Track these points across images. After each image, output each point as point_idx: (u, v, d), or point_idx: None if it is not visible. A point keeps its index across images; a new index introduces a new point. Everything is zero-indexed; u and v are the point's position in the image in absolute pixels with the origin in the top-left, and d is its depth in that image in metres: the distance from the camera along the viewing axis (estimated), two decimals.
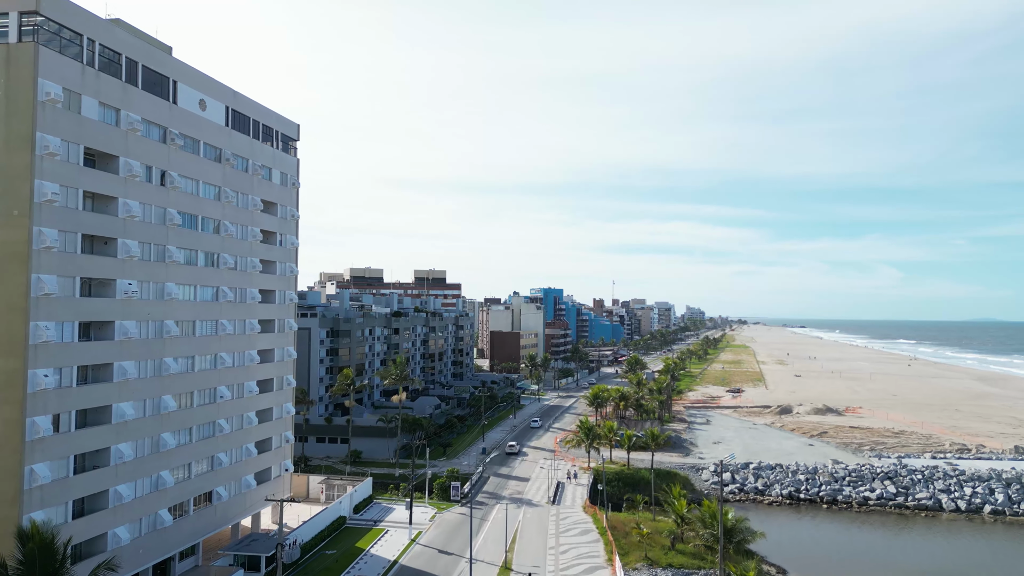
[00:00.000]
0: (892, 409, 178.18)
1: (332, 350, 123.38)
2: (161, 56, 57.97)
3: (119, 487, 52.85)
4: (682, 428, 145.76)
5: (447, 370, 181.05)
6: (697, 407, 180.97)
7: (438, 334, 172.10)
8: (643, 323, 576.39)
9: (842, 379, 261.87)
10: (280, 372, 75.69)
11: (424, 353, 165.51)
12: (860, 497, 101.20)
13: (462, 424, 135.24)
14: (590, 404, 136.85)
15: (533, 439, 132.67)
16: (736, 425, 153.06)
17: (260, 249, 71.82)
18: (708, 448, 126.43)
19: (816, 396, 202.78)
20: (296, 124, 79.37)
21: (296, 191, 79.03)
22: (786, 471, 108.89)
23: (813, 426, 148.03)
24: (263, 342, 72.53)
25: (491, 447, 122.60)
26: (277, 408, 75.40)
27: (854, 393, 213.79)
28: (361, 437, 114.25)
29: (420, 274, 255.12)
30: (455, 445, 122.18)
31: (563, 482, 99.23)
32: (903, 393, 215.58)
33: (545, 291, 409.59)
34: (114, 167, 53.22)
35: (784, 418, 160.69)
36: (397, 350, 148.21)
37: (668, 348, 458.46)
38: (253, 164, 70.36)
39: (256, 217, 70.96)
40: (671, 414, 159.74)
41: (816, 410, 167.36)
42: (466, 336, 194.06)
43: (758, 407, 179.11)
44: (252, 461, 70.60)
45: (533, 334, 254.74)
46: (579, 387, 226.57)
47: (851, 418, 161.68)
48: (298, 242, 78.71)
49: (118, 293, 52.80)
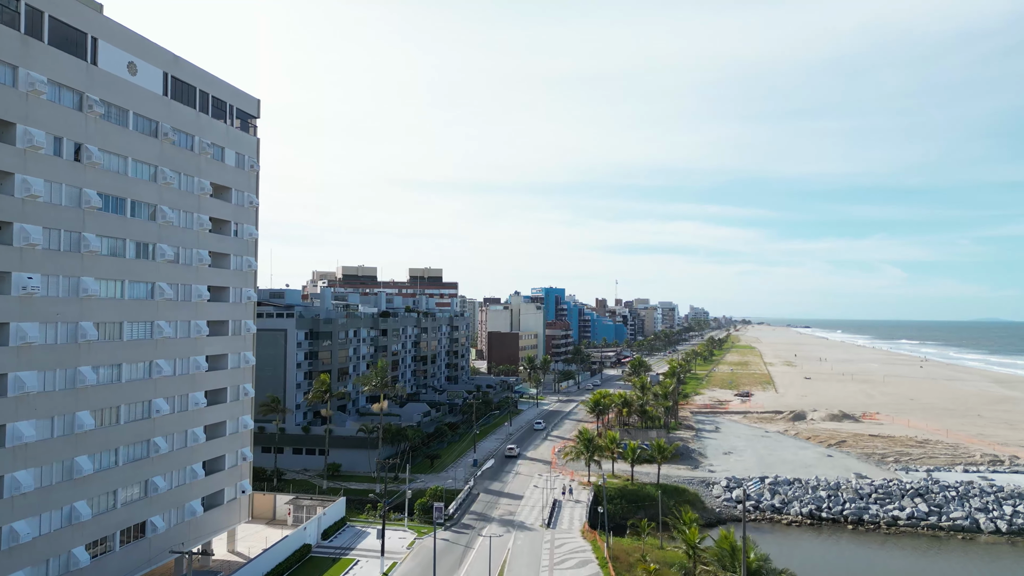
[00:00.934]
0: (911, 415, 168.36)
1: (311, 353, 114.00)
2: (76, 7, 48.62)
3: (15, 524, 43.60)
4: (690, 436, 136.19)
5: (440, 373, 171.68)
6: (705, 412, 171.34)
7: (430, 335, 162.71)
8: (646, 323, 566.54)
9: (854, 382, 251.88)
10: (235, 380, 66.36)
11: (415, 356, 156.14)
12: (888, 517, 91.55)
13: (453, 433, 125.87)
14: (591, 411, 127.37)
15: (530, 448, 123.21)
16: (747, 433, 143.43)
17: (209, 240, 62.54)
18: (719, 459, 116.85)
19: (829, 400, 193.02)
20: (256, 99, 70.07)
21: (256, 175, 69.69)
22: (806, 487, 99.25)
23: (830, 434, 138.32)
24: (213, 346, 63.26)
25: (484, 458, 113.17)
26: (231, 422, 66.09)
27: (869, 397, 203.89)
28: (341, 448, 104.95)
29: (415, 273, 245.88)
30: (444, 456, 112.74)
31: (559, 500, 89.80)
32: (920, 397, 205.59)
33: (546, 291, 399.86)
34: (9, 136, 43.95)
35: (798, 425, 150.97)
36: (385, 353, 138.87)
37: (672, 349, 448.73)
38: (201, 142, 61.01)
39: (204, 203, 61.65)
40: (677, 420, 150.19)
41: (832, 416, 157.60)
42: (461, 337, 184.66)
43: (769, 412, 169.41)
44: (199, 484, 61.31)
45: (533, 335, 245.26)
46: (581, 390, 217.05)
47: (869, 425, 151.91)
48: (257, 233, 69.37)
49: (14, 289, 43.55)
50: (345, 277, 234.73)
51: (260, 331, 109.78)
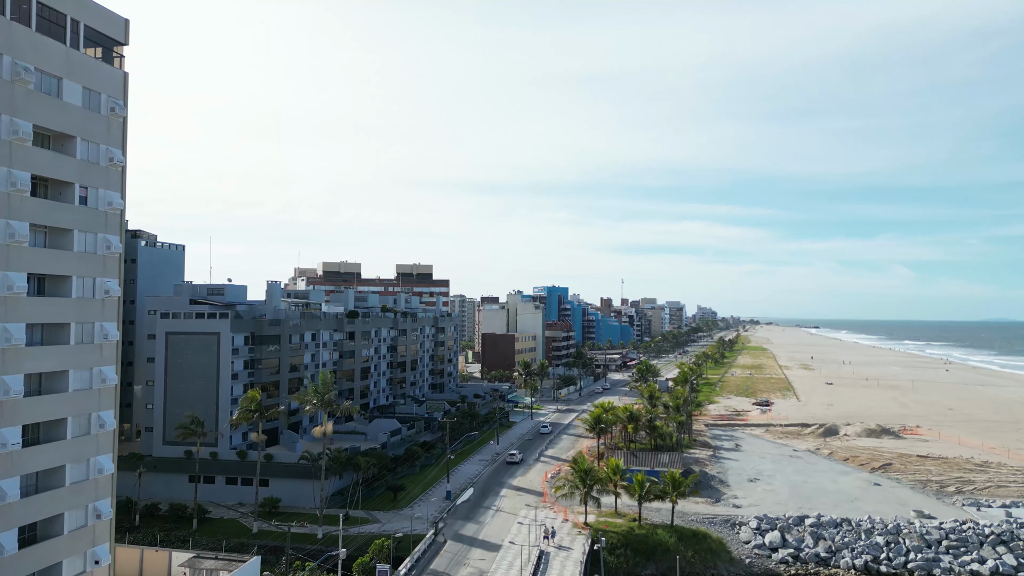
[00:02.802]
0: (956, 428, 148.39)
1: (253, 362, 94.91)
2: None
3: None
4: (707, 457, 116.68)
5: (423, 381, 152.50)
6: (721, 425, 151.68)
7: (410, 338, 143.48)
8: (654, 324, 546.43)
9: (881, 388, 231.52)
10: (81, 407, 47.27)
11: (392, 362, 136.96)
12: (966, 572, 71.98)
13: (428, 454, 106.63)
14: (590, 429, 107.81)
15: (515, 475, 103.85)
16: (773, 451, 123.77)
17: (33, 207, 43.52)
18: (744, 489, 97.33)
19: (859, 410, 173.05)
20: (123, 19, 50.98)
21: (121, 123, 50.56)
22: (857, 530, 79.51)
23: (871, 454, 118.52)
24: (42, 360, 44.29)
25: (461, 486, 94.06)
26: (77, 466, 47.03)
27: (902, 407, 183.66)
28: (283, 479, 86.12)
29: (403, 269, 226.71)
30: (412, 486, 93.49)
31: (547, 551, 70.49)
32: (959, 407, 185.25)
33: (549, 289, 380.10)
34: None
35: (831, 442, 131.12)
36: (352, 359, 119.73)
37: (681, 350, 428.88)
38: (15, 64, 41.99)
39: (22, 153, 42.60)
40: (691, 437, 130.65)
41: (868, 431, 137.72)
42: (448, 340, 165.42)
43: (795, 426, 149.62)
44: (15, 559, 42.31)
45: (531, 337, 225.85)
46: (583, 397, 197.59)
47: (913, 442, 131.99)
48: (123, 203, 50.21)
49: None
50: (326, 274, 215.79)
51: (187, 335, 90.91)
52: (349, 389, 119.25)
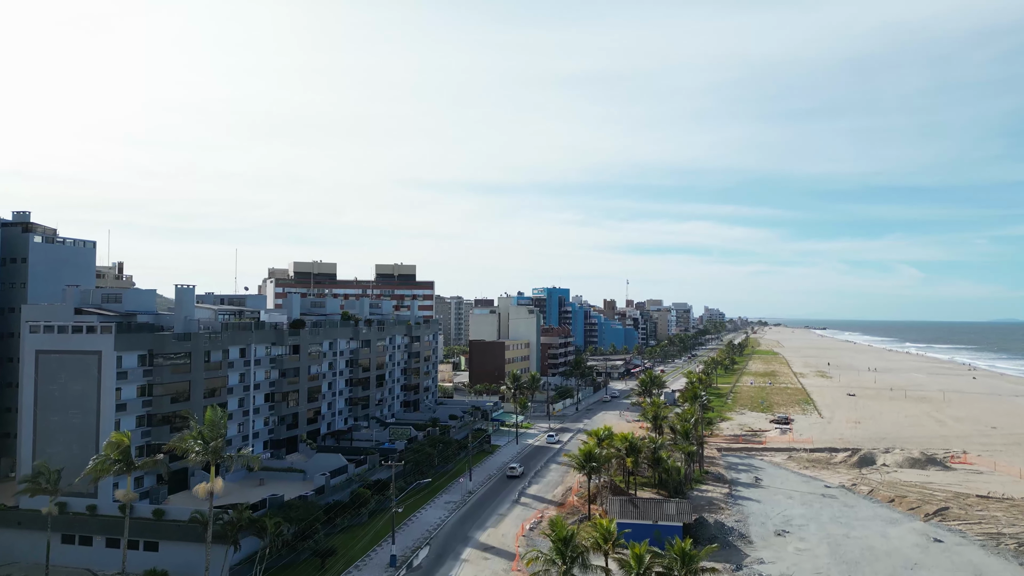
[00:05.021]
0: (1006, 454, 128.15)
1: (150, 387, 75.27)
2: None
3: None
4: (721, 496, 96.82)
5: (393, 399, 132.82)
6: (736, 450, 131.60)
7: (375, 350, 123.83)
8: (659, 326, 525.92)
9: (909, 400, 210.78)
10: None
11: (352, 378, 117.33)
12: None
13: (382, 496, 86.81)
14: (579, 468, 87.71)
15: (485, 525, 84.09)
16: (800, 487, 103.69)
17: None
18: (770, 546, 77.31)
19: (893, 431, 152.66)
20: None
21: None
22: None
23: (920, 494, 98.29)
24: None
25: (412, 546, 74.57)
26: None
27: (940, 425, 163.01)
28: (177, 541, 66.48)
29: (383, 270, 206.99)
30: (347, 548, 73.64)
31: None
32: (1003, 424, 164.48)
33: (548, 291, 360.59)
34: None
35: (869, 475, 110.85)
36: (296, 378, 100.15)
37: (689, 355, 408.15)
38: None
39: None
40: (702, 468, 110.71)
41: (911, 461, 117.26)
42: (425, 350, 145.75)
43: (822, 451, 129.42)
44: None
45: (523, 344, 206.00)
46: (580, 412, 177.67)
47: (966, 474, 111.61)
48: None
49: None
50: (297, 275, 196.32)
51: (61, 354, 71.72)
52: (293, 415, 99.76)
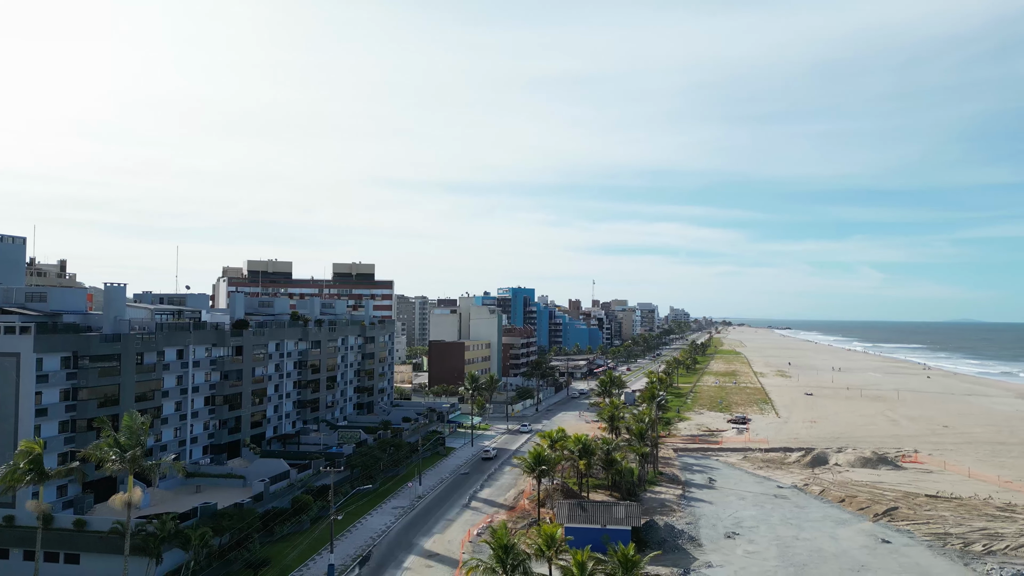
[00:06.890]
0: (957, 453, 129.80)
1: (74, 391, 71.59)
2: None
3: None
4: (674, 498, 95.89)
5: (344, 402, 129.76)
6: (693, 450, 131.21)
7: (326, 350, 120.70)
8: (624, 326, 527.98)
9: (864, 399, 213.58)
10: None
11: (301, 380, 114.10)
12: None
13: (324, 503, 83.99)
14: (529, 471, 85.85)
15: (432, 532, 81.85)
16: (754, 488, 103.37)
17: None
18: (720, 549, 76.37)
19: (847, 431, 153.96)
20: None
21: None
22: None
23: (870, 494, 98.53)
24: None
25: (353, 554, 72.04)
26: None
27: (893, 424, 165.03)
28: (99, 553, 63.07)
29: (341, 269, 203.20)
30: (283, 557, 70.87)
31: None
32: (955, 423, 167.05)
33: (514, 291, 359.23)
34: None
35: (821, 475, 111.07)
36: (239, 381, 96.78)
37: (654, 354, 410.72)
38: None
39: None
40: (657, 469, 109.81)
41: (863, 460, 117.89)
42: (380, 351, 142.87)
43: (777, 451, 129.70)
44: None
45: (484, 344, 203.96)
46: (540, 412, 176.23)
47: (916, 474, 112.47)
48: None
49: None
50: (251, 274, 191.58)
51: None
52: (235, 418, 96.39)
